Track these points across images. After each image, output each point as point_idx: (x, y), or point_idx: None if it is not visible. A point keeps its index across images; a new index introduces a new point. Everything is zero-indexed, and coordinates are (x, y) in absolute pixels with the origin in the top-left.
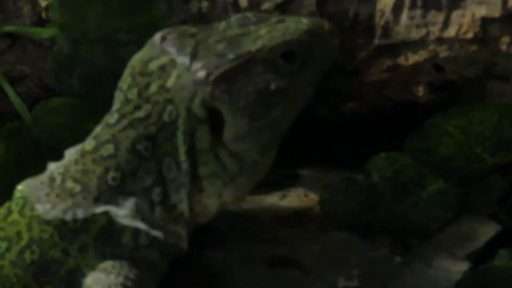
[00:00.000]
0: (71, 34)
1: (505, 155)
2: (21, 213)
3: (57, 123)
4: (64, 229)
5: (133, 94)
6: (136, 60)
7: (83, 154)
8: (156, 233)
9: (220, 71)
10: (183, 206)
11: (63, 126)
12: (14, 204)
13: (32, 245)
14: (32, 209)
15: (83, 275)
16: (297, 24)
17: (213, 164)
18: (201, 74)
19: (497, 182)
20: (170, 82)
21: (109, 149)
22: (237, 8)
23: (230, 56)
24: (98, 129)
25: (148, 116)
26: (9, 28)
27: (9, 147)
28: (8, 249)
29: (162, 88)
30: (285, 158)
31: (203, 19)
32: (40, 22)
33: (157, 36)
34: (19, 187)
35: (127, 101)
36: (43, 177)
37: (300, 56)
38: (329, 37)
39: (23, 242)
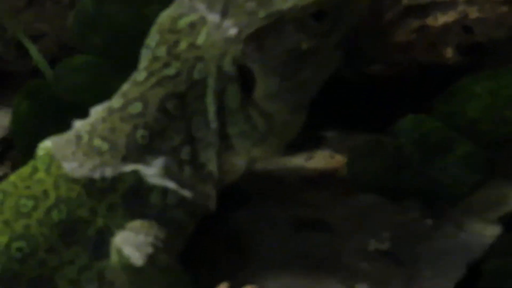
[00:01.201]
0: None
1: None
2: (47, 171)
3: (80, 82)
4: (92, 188)
5: (161, 52)
6: (165, 17)
7: (110, 112)
8: (185, 192)
9: (252, 29)
10: (212, 165)
11: (86, 84)
12: (40, 162)
13: (59, 204)
14: (59, 167)
15: (112, 235)
16: None
17: (243, 123)
18: (232, 31)
19: None
20: (200, 40)
21: (137, 107)
22: None
23: (261, 14)
24: (125, 87)
25: (177, 74)
26: None
27: (31, 105)
28: (34, 208)
29: (192, 45)
30: (310, 119)
31: None
32: None
33: None
34: (44, 144)
35: (155, 58)
36: (69, 135)
37: (330, 16)
38: None
39: (50, 201)
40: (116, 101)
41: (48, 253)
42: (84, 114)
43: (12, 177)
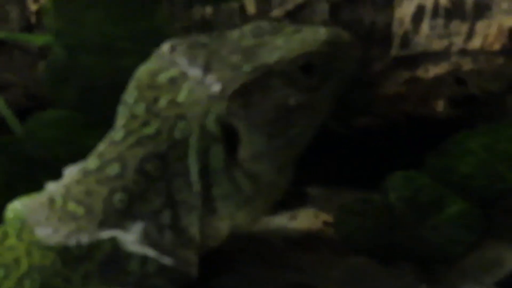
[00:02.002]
0: (67, 42)
1: None
2: (19, 237)
3: (52, 137)
4: (67, 255)
5: (140, 109)
6: (143, 72)
7: (86, 173)
8: (165, 260)
9: (236, 85)
10: (194, 230)
11: (57, 140)
12: (10, 227)
13: (32, 272)
14: (31, 233)
15: None
16: (315, 35)
17: (227, 185)
18: (216, 88)
19: None
20: (181, 96)
21: (115, 168)
22: (243, 15)
23: (246, 68)
24: (102, 147)
25: (157, 133)
26: (1, 33)
27: (0, 162)
28: (6, 277)
29: (173, 102)
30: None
31: (206, 26)
32: (29, 28)
33: (166, 47)
34: (13, 205)
35: (133, 116)
36: (42, 198)
37: (320, 69)
38: (349, 48)
39: (22, 269)
40: (91, 162)
41: None
42: (56, 172)
43: None
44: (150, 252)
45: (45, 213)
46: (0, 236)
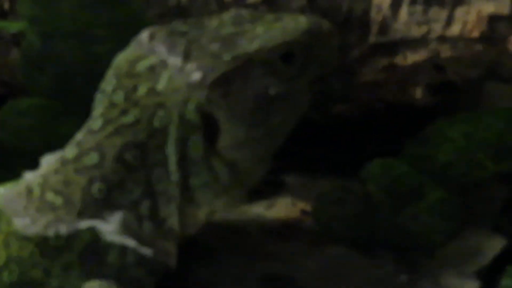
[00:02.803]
0: (42, 29)
1: (508, 162)
2: None
3: (27, 126)
4: (46, 246)
5: (119, 98)
6: (122, 60)
7: (64, 163)
8: (145, 250)
9: (217, 74)
10: (173, 220)
11: (32, 128)
12: None
13: (10, 264)
14: (9, 223)
15: None
16: (295, 24)
17: (205, 174)
18: (196, 76)
19: (498, 192)
20: (161, 85)
21: (93, 158)
22: (220, 2)
23: (227, 57)
24: (80, 136)
25: (136, 121)
26: None
27: None
28: None
29: (152, 91)
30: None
31: (182, 13)
32: (3, 14)
33: (145, 34)
34: None
35: (112, 105)
36: (19, 187)
37: (300, 58)
38: (328, 37)
39: (0, 260)
40: (69, 151)
41: None
42: (30, 161)
43: None
44: (129, 242)
45: (23, 203)
46: None
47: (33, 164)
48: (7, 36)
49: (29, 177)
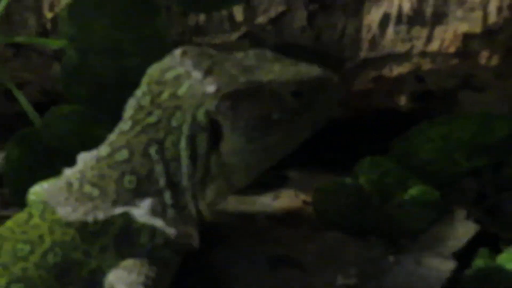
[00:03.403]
0: (79, 45)
1: (480, 159)
2: (42, 217)
3: (66, 129)
4: (85, 231)
5: (146, 101)
6: (154, 69)
7: (98, 160)
8: (170, 230)
9: (229, 89)
10: (190, 208)
11: (71, 132)
12: (34, 209)
13: (54, 247)
14: (53, 213)
15: (103, 275)
16: (309, 70)
17: (202, 169)
18: (212, 88)
19: (471, 185)
20: (181, 91)
21: (124, 154)
22: (232, 22)
23: (242, 79)
24: (113, 136)
25: (158, 121)
26: (19, 38)
27: (22, 151)
28: (31, 252)
29: (173, 95)
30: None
31: (200, 31)
32: (45, 33)
33: (178, 50)
34: (35, 190)
35: (140, 108)
36: (60, 182)
37: (306, 97)
38: (334, 88)
39: (46, 245)
40: (103, 150)
41: None
42: (69, 159)
43: (9, 223)
44: (157, 223)
45: (64, 195)
46: (25, 217)
47: (72, 162)
48: (49, 52)
49: (68, 173)
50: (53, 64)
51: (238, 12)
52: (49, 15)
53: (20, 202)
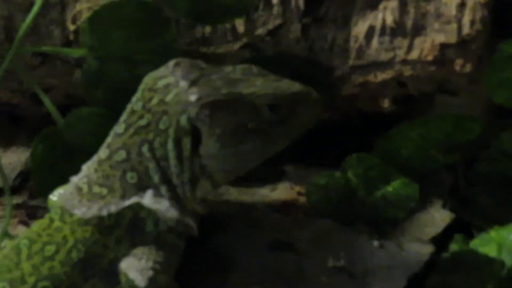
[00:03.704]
0: (98, 54)
1: (454, 156)
2: (62, 220)
3: (86, 129)
4: (101, 225)
5: (138, 106)
6: (149, 78)
7: (100, 162)
8: (171, 214)
9: (209, 99)
10: (186, 202)
11: (90, 131)
12: (53, 214)
13: (77, 244)
14: (71, 215)
15: (120, 263)
16: (289, 85)
17: (188, 171)
18: (193, 97)
19: (446, 178)
20: (169, 97)
21: (122, 155)
22: (235, 33)
23: (224, 91)
24: (109, 139)
25: (148, 124)
26: (45, 48)
27: (46, 148)
28: (57, 252)
29: (162, 101)
30: (272, 156)
31: (206, 42)
32: (68, 43)
33: (172, 62)
34: (51, 198)
35: (132, 112)
36: (70, 188)
37: (283, 111)
38: (313, 104)
39: (69, 243)
40: (103, 152)
41: None
42: (88, 156)
43: (34, 228)
44: (160, 207)
45: (77, 199)
46: (48, 222)
47: (90, 159)
48: (72, 61)
49: (75, 179)
50: (75, 71)
51: (240, 25)
52: (71, 27)
53: (44, 194)
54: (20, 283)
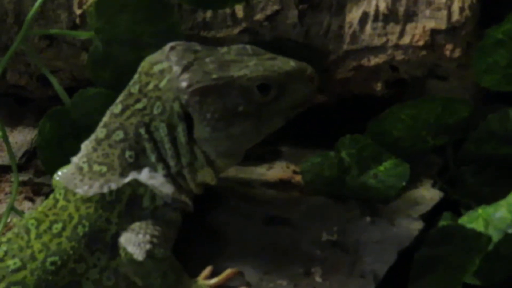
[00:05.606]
0: (104, 37)
1: (443, 137)
2: (66, 199)
3: (92, 108)
4: (103, 201)
5: (135, 89)
6: (146, 61)
7: (98, 141)
8: (166, 190)
9: (199, 86)
10: (180, 181)
11: (96, 110)
12: (57, 194)
13: (82, 220)
14: (74, 194)
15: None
16: (282, 64)
17: (189, 156)
18: (184, 84)
19: (436, 159)
20: (162, 83)
21: (120, 134)
22: (234, 18)
23: (214, 75)
24: (106, 119)
25: (144, 108)
26: (52, 31)
27: (53, 126)
28: (63, 228)
29: (156, 87)
30: (269, 137)
31: (207, 26)
32: (74, 27)
33: (168, 46)
34: (55, 179)
35: (130, 94)
36: (71, 168)
37: (275, 91)
38: (308, 81)
39: (75, 220)
40: (100, 131)
41: (76, 263)
42: None
43: (41, 208)
44: (156, 182)
45: (79, 178)
46: (53, 202)
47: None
48: (78, 43)
49: (75, 160)
50: (82, 53)
51: (239, 10)
52: (78, 11)
53: (51, 171)
54: (31, 259)
